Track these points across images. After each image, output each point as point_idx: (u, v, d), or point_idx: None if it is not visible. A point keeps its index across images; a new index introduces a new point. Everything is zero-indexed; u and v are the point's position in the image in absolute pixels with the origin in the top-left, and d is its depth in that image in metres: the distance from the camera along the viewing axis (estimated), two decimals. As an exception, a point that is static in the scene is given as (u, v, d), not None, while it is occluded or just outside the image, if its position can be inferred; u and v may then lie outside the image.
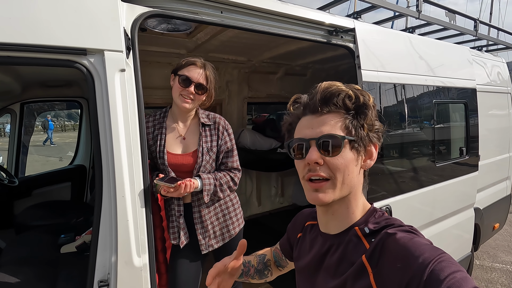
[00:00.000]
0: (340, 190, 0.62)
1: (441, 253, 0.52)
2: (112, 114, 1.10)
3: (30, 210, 2.39)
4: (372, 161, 0.67)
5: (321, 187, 0.62)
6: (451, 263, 0.50)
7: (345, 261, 0.62)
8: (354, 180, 0.64)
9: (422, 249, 0.52)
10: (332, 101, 0.63)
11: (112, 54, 1.11)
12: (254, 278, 0.95)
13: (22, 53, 1.00)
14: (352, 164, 0.63)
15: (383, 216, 0.65)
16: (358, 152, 0.64)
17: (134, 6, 1.21)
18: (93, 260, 1.13)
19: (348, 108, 0.63)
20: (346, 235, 0.65)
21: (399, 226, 0.60)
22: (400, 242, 0.55)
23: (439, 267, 0.49)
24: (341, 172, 0.61)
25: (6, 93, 2.45)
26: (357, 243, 0.62)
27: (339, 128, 0.62)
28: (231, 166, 1.55)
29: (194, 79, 1.42)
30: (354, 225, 0.65)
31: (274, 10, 1.55)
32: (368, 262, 0.57)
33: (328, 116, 0.63)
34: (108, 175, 1.12)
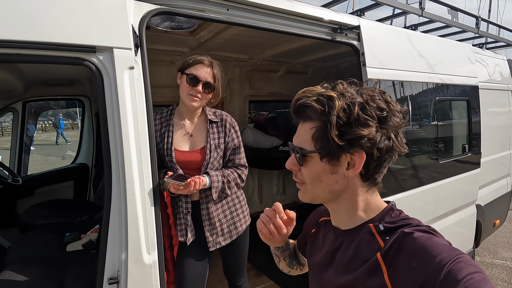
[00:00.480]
0: (313, 194, 0.65)
1: (459, 253, 0.50)
2: (121, 112, 1.11)
3: (34, 209, 2.39)
4: (355, 170, 0.61)
5: (300, 187, 0.68)
6: (469, 264, 0.49)
7: (357, 258, 0.62)
8: (334, 187, 0.63)
9: (440, 248, 0.51)
10: (302, 112, 0.64)
11: (121, 52, 1.11)
12: (285, 260, 0.95)
13: (32, 50, 1.00)
14: (323, 174, 0.63)
15: (400, 215, 0.64)
16: (331, 162, 0.61)
17: (141, 4, 1.21)
18: (103, 257, 1.14)
19: (319, 119, 0.61)
20: (359, 232, 0.64)
21: (417, 225, 0.59)
22: (417, 241, 0.54)
23: (457, 267, 0.48)
24: (310, 180, 0.64)
25: (8, 92, 2.44)
26: (370, 240, 0.61)
27: (308, 139, 0.63)
28: (239, 163, 1.55)
29: (202, 78, 1.42)
30: (368, 222, 0.64)
31: (279, 7, 1.55)
32: (383, 260, 0.56)
33: (304, 125, 0.64)
34: (117, 173, 1.12)
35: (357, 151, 0.59)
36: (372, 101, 0.59)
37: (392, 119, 0.60)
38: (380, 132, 0.59)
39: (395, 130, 0.61)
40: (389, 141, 0.60)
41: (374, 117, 0.58)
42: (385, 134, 0.60)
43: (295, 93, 0.68)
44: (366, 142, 0.58)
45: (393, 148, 0.61)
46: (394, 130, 0.61)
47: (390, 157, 0.63)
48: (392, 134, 0.61)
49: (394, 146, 0.61)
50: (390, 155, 0.62)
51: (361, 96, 0.60)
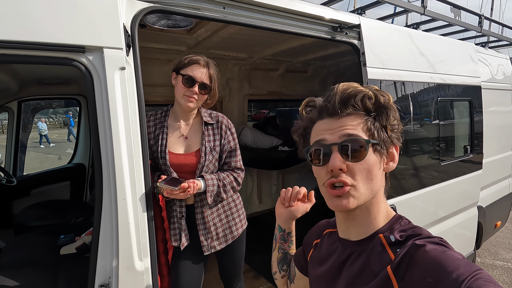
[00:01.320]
0: (364, 195, 0.59)
1: (477, 269, 0.47)
2: (112, 114, 1.07)
3: (29, 210, 2.36)
4: (395, 163, 0.63)
5: (344, 193, 0.59)
6: (489, 282, 0.45)
7: (367, 271, 0.59)
8: (378, 185, 0.61)
9: (456, 264, 0.48)
10: (351, 102, 0.59)
11: (111, 52, 1.07)
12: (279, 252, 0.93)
13: (18, 51, 0.96)
14: (375, 168, 0.60)
15: (409, 224, 0.62)
16: (381, 155, 0.61)
17: (134, 2, 1.17)
18: (94, 263, 1.10)
19: (368, 110, 0.60)
20: (370, 243, 0.61)
21: (428, 237, 0.56)
22: (430, 255, 0.51)
23: (476, 285, 0.44)
24: (365, 177, 0.59)
25: (3, 91, 2.40)
26: (381, 252, 0.58)
27: (361, 130, 0.59)
28: (235, 166, 1.51)
29: (197, 79, 1.38)
30: (378, 232, 0.61)
31: (277, 5, 1.51)
32: (393, 274, 0.53)
33: (348, 118, 0.60)
34: (108, 177, 1.08)
35: (394, 143, 0.63)
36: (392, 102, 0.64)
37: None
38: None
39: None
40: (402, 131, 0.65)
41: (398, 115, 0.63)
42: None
43: (295, 92, 0.68)
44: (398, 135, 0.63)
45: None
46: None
47: None
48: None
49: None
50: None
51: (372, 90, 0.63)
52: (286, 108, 6.15)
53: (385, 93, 0.62)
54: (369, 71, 1.74)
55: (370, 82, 1.75)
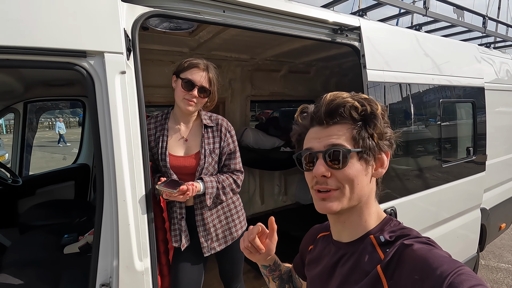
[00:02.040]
0: (348, 200, 0.62)
1: (460, 265, 0.50)
2: (112, 117, 1.09)
3: (34, 209, 2.40)
4: (384, 169, 0.66)
5: (329, 196, 0.62)
6: (471, 276, 0.48)
7: (358, 270, 0.61)
8: (364, 190, 0.63)
9: (441, 261, 0.51)
10: (337, 113, 0.62)
11: (112, 56, 1.09)
12: (275, 281, 0.94)
13: (21, 55, 0.98)
14: (360, 175, 0.62)
15: (399, 225, 0.64)
16: (367, 162, 0.63)
17: (134, 6, 1.19)
18: (95, 263, 1.13)
19: (354, 119, 0.62)
20: (360, 244, 0.64)
21: (416, 237, 0.59)
22: (417, 254, 0.54)
23: (458, 280, 0.47)
24: (349, 183, 0.62)
25: (9, 93, 2.45)
26: (371, 252, 0.61)
27: (345, 139, 0.62)
28: (234, 168, 1.53)
29: (197, 83, 1.39)
30: (369, 233, 0.64)
31: (277, 8, 1.51)
32: (383, 273, 0.56)
33: (335, 127, 0.63)
34: (109, 179, 1.10)
35: (384, 150, 0.64)
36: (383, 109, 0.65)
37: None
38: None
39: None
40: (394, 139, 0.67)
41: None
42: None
43: (297, 92, 0.71)
44: (388, 142, 0.65)
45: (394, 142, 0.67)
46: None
47: None
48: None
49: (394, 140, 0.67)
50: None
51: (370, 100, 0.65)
52: (289, 108, 6.16)
53: (374, 102, 0.63)
54: (369, 73, 1.74)
55: (370, 84, 1.75)
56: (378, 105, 0.63)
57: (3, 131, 19.81)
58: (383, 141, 0.64)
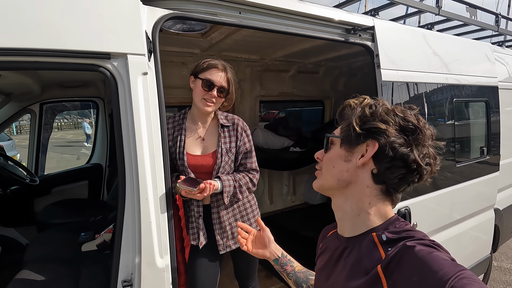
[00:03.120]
0: (323, 180, 0.72)
1: (462, 269, 0.49)
2: (135, 117, 1.12)
3: (50, 208, 2.46)
4: (365, 157, 0.65)
5: (317, 175, 0.75)
6: (473, 281, 0.47)
7: (359, 267, 0.62)
8: (343, 175, 0.68)
9: (441, 264, 0.50)
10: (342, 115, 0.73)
11: (135, 58, 1.12)
12: (290, 277, 0.97)
13: (49, 58, 1.02)
14: (338, 159, 0.69)
15: (405, 226, 0.63)
16: (348, 149, 0.68)
17: (155, 9, 1.22)
18: (117, 260, 1.15)
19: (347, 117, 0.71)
20: (362, 239, 0.65)
21: (420, 239, 0.58)
22: (418, 255, 0.53)
23: (460, 284, 0.46)
24: (325, 164, 0.72)
25: (26, 94, 2.51)
26: (372, 249, 0.62)
27: (338, 131, 0.72)
28: (250, 167, 1.55)
29: (216, 83, 1.42)
30: (372, 230, 0.65)
31: (292, 9, 1.53)
32: (383, 273, 0.56)
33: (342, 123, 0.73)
34: (131, 178, 1.13)
35: (371, 141, 0.65)
36: (400, 112, 0.65)
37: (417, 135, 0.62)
38: (400, 136, 0.62)
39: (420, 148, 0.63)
40: (408, 150, 0.62)
41: (395, 122, 0.63)
42: (406, 141, 0.62)
43: (306, 92, 0.80)
44: (382, 136, 0.63)
45: (412, 162, 0.62)
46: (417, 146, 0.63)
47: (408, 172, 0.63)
48: (415, 149, 0.62)
49: (414, 161, 0.62)
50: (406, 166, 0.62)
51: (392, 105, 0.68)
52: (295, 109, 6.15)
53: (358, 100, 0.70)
54: (383, 73, 1.74)
55: (384, 83, 1.75)
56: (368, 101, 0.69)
57: (13, 132, 20.22)
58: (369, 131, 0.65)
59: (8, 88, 2.30)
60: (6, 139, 8.31)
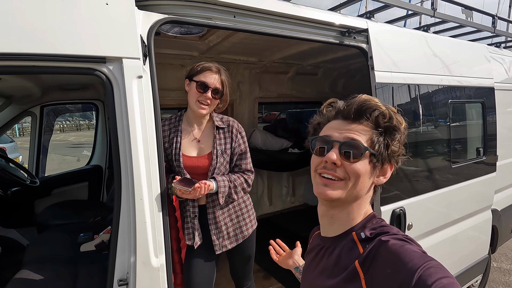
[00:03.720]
0: (348, 193, 0.65)
1: (429, 259, 0.53)
2: (130, 120, 1.14)
3: (50, 209, 2.49)
4: (385, 179, 0.70)
5: (332, 184, 0.66)
6: (439, 269, 0.51)
7: (339, 264, 0.65)
8: (363, 191, 0.67)
9: (411, 256, 0.54)
10: (366, 113, 0.66)
11: (130, 62, 1.14)
12: None
13: (46, 62, 1.04)
14: (366, 175, 0.66)
15: (381, 223, 0.68)
16: (374, 167, 0.67)
17: (150, 14, 1.25)
18: (113, 260, 1.17)
19: (378, 125, 0.66)
20: (344, 239, 0.68)
21: (394, 234, 0.62)
22: (391, 249, 0.57)
23: (427, 273, 0.50)
24: (356, 177, 0.65)
25: (27, 97, 2.55)
26: (352, 247, 0.65)
27: (365, 139, 0.65)
28: (245, 168, 1.57)
29: (210, 85, 1.44)
30: (352, 229, 0.68)
31: (286, 12, 1.55)
32: (360, 268, 0.59)
33: (358, 126, 0.67)
34: (126, 178, 1.15)
35: (391, 163, 0.68)
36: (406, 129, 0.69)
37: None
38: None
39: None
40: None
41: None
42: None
43: (305, 94, 0.75)
44: (398, 159, 0.69)
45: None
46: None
47: None
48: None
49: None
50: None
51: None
52: (296, 110, 6.17)
53: (400, 117, 0.68)
54: (377, 75, 1.76)
55: (378, 85, 1.77)
56: (403, 122, 0.67)
57: (16, 134, 20.35)
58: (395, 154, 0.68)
59: (9, 91, 2.34)
60: (8, 141, 8.37)
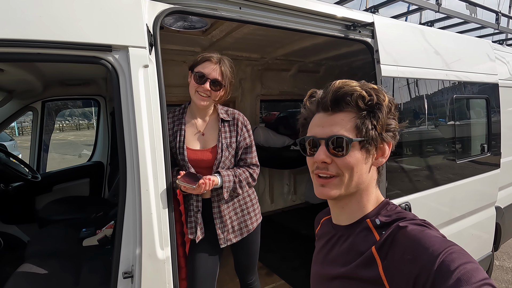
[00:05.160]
0: (346, 187, 0.64)
1: (451, 244, 0.52)
2: (136, 109, 1.13)
3: (52, 205, 2.47)
4: (384, 158, 0.67)
5: (328, 183, 0.64)
6: (462, 254, 0.50)
7: (353, 251, 0.63)
8: (362, 178, 0.65)
9: (432, 241, 0.52)
10: (344, 100, 0.63)
11: (136, 50, 1.13)
12: None
13: (51, 50, 1.03)
14: (360, 163, 0.63)
15: (395, 209, 0.66)
16: (368, 151, 0.64)
17: (156, 3, 1.23)
18: (118, 252, 1.16)
19: (360, 108, 0.63)
20: (357, 227, 0.66)
21: (411, 219, 0.60)
22: (410, 234, 0.55)
23: (450, 258, 0.49)
24: (349, 171, 0.63)
25: (28, 92, 2.53)
26: (367, 234, 0.63)
27: (349, 128, 0.63)
28: (250, 162, 1.55)
29: (209, 76, 1.41)
30: (366, 217, 0.66)
31: (292, 5, 1.54)
32: (377, 253, 0.58)
33: (339, 115, 0.64)
34: (132, 169, 1.14)
35: (386, 141, 0.65)
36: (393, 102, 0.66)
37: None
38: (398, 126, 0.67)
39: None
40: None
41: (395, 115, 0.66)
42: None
43: (307, 92, 0.71)
44: (392, 133, 0.66)
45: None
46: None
47: None
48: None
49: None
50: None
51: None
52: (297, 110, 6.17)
53: (381, 93, 0.64)
54: (383, 69, 1.75)
55: (384, 79, 1.76)
56: (385, 96, 0.64)
57: (15, 133, 20.30)
58: (386, 132, 0.64)
59: (10, 85, 2.32)
60: (8, 139, 8.35)
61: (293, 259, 2.92)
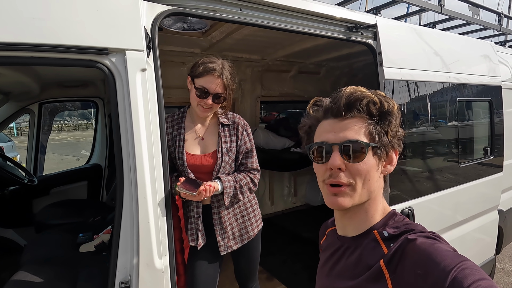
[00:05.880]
0: (359, 195, 0.62)
1: (464, 259, 0.49)
2: (133, 114, 1.09)
3: (49, 208, 2.43)
4: (392, 166, 0.67)
5: (341, 192, 0.62)
6: (475, 270, 0.47)
7: (361, 264, 0.61)
8: (374, 185, 0.64)
9: (444, 255, 0.50)
10: (356, 106, 0.62)
11: (133, 54, 1.09)
12: None
13: (45, 53, 0.99)
14: (373, 170, 0.62)
15: (403, 220, 0.65)
16: (379, 158, 0.64)
17: (154, 5, 1.20)
18: (114, 261, 1.13)
19: (372, 114, 0.62)
20: (364, 239, 0.65)
21: (420, 232, 0.58)
22: (420, 248, 0.53)
23: (462, 275, 0.46)
24: (362, 178, 0.61)
25: (25, 94, 2.49)
26: (375, 247, 0.61)
27: (362, 133, 0.62)
28: (251, 167, 1.52)
29: (211, 90, 1.36)
30: (373, 228, 0.65)
31: (293, 6, 1.51)
32: (386, 268, 0.56)
33: (351, 121, 0.63)
34: (129, 176, 1.10)
35: (394, 148, 0.65)
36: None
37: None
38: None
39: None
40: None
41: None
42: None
43: (307, 93, 0.72)
44: (399, 141, 0.66)
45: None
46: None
47: None
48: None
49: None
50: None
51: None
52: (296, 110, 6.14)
53: (390, 100, 0.64)
54: (386, 71, 1.72)
55: (386, 82, 1.73)
56: (394, 103, 0.64)
57: (14, 133, 20.23)
58: (395, 139, 0.65)
59: (6, 87, 2.29)
60: (6, 140, 8.30)
61: (294, 263, 2.88)
